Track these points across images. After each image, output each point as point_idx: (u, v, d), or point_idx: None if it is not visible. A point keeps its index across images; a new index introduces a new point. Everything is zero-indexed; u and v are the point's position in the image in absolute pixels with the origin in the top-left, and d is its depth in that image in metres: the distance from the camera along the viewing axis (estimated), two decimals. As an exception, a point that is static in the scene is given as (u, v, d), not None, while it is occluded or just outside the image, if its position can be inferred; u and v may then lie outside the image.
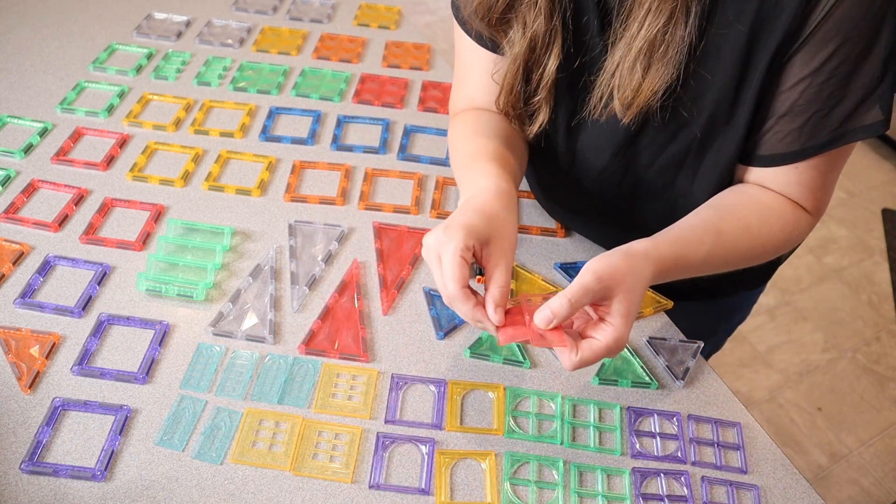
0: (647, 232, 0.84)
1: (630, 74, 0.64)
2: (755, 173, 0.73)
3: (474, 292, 0.62)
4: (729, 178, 0.75)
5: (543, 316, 0.59)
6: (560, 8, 0.67)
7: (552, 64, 0.69)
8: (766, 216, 0.71)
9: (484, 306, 0.62)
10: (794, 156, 0.68)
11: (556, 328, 0.60)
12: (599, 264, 0.61)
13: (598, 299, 0.61)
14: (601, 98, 0.69)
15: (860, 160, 2.69)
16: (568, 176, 0.83)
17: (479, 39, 0.77)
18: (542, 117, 0.74)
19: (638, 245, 0.65)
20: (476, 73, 0.80)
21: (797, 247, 0.93)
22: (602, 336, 0.60)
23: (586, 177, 0.81)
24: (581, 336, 0.62)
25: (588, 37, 0.69)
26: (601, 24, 0.67)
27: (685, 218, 0.72)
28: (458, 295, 0.61)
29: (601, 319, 0.62)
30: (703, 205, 0.74)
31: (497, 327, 0.62)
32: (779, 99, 0.66)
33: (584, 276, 0.60)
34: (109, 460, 0.65)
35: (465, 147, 0.77)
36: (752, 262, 0.74)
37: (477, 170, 0.71)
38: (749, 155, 0.72)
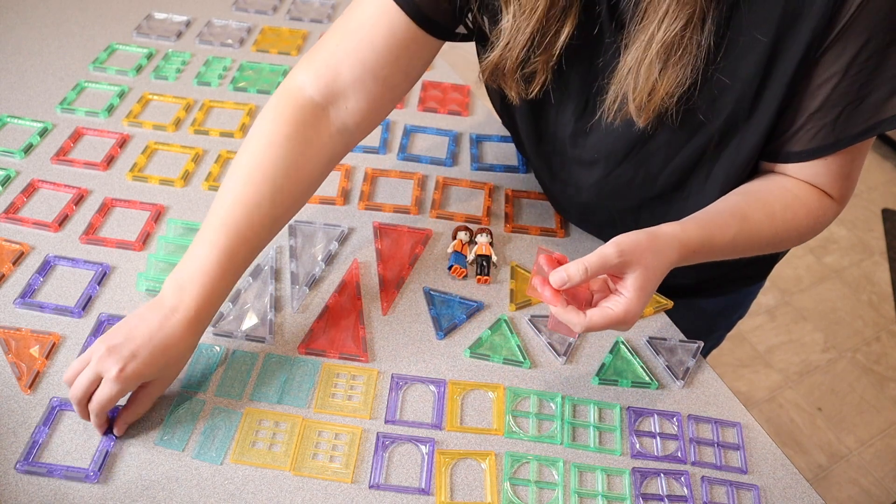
0: None
1: (646, 76, 0.63)
2: (782, 165, 0.73)
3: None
4: (745, 176, 0.75)
5: (559, 277, 0.62)
6: None
7: (568, 27, 0.66)
8: (790, 203, 0.72)
9: None
10: (829, 148, 0.68)
11: (560, 292, 0.64)
12: (623, 238, 0.63)
13: (616, 271, 0.63)
14: (615, 100, 0.68)
15: (860, 160, 2.68)
16: (578, 177, 0.82)
17: (422, 19, 0.70)
18: (541, 78, 0.70)
19: (666, 227, 0.67)
20: (366, 44, 0.71)
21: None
22: (614, 305, 0.63)
23: (598, 176, 0.80)
24: (593, 306, 0.65)
25: (602, 39, 0.68)
26: (613, 25, 0.66)
27: (713, 203, 0.73)
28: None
29: (616, 292, 0.64)
30: (731, 192, 0.74)
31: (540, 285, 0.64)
32: (809, 97, 0.66)
33: (606, 247, 0.62)
34: (104, 461, 0.65)
35: (225, 188, 0.71)
36: (776, 248, 0.75)
37: (202, 241, 0.68)
38: (777, 152, 0.72)
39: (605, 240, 0.89)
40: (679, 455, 0.71)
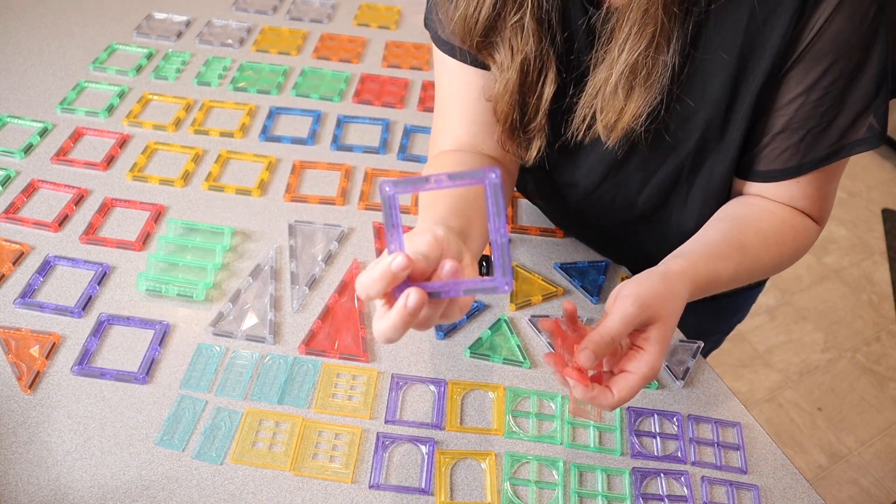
0: (640, 247, 0.84)
1: (612, 97, 0.63)
2: (756, 186, 0.72)
3: None
4: (722, 193, 0.74)
5: (587, 356, 0.54)
6: (549, 29, 0.64)
7: (549, 89, 0.67)
8: (779, 226, 0.70)
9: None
10: (793, 171, 0.68)
11: (582, 371, 0.56)
12: (639, 289, 0.57)
13: (639, 326, 0.57)
14: (584, 119, 0.67)
15: (860, 160, 2.68)
16: (560, 196, 0.83)
17: (462, 56, 0.72)
18: (538, 143, 0.71)
19: (674, 265, 0.62)
20: (460, 103, 0.75)
21: None
22: (636, 368, 0.56)
23: (578, 197, 0.80)
24: (612, 372, 0.58)
25: (574, 56, 0.67)
26: (586, 44, 0.66)
27: (704, 233, 0.69)
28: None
29: (633, 347, 0.58)
30: (714, 218, 0.72)
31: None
32: (774, 116, 0.66)
33: (625, 305, 0.56)
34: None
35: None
36: (771, 273, 0.73)
37: (424, 216, 0.63)
38: (747, 170, 0.71)
39: (599, 251, 0.91)
40: (679, 455, 0.71)
